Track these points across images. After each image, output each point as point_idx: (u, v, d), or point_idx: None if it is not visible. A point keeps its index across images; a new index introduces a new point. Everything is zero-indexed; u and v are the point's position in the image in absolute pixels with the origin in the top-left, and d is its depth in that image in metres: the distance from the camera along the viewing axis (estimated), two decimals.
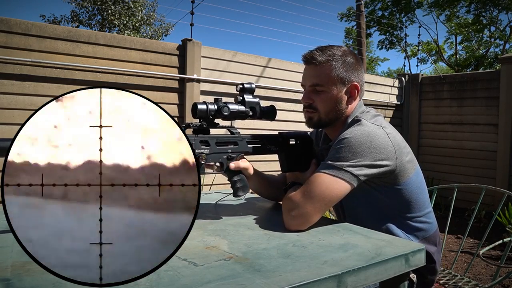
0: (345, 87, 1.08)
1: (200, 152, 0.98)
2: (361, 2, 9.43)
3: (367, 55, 17.66)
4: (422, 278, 1.10)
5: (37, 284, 0.59)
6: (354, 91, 1.10)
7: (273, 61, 3.95)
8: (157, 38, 10.82)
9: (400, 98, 5.16)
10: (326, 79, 1.07)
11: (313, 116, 1.10)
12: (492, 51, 12.84)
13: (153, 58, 3.22)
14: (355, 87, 1.09)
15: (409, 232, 1.06)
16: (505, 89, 4.24)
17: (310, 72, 1.09)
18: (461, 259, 3.00)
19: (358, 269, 0.69)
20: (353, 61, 1.09)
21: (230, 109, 1.02)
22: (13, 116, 2.61)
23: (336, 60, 1.07)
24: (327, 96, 1.07)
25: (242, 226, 0.96)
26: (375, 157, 0.97)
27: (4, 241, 0.79)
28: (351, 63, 1.09)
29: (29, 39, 2.67)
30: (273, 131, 1.19)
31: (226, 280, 0.62)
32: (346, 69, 1.08)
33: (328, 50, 1.08)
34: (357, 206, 1.08)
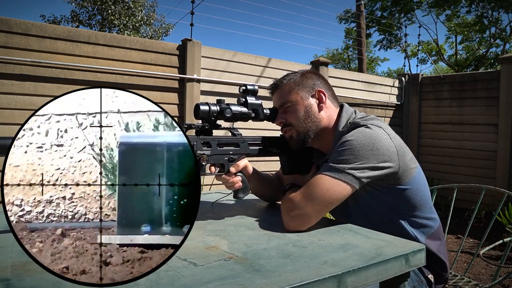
0: (309, 94, 1.11)
1: (202, 153, 0.98)
2: (361, 2, 9.43)
3: (367, 55, 17.66)
4: (437, 277, 1.10)
5: (37, 284, 0.59)
6: (321, 95, 1.12)
7: (273, 61, 3.95)
8: (157, 39, 10.82)
9: (400, 98, 5.16)
10: (289, 95, 1.11)
11: (292, 133, 1.11)
12: (492, 51, 12.85)
13: (153, 58, 3.22)
14: (320, 92, 1.12)
15: (416, 230, 1.06)
16: (505, 89, 4.24)
17: (275, 97, 1.15)
18: (461, 259, 3.00)
19: (358, 269, 0.69)
20: (311, 74, 1.15)
21: (233, 110, 1.02)
22: (13, 116, 2.61)
23: (293, 77, 1.13)
24: (295, 108, 1.10)
25: (242, 226, 0.96)
26: (378, 159, 0.97)
27: (4, 241, 0.79)
28: (309, 76, 1.14)
29: (29, 39, 2.67)
30: (274, 132, 1.19)
31: (226, 280, 0.62)
32: (305, 80, 1.12)
33: (286, 75, 1.15)
34: (363, 209, 1.08)
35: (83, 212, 0.72)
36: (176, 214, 0.66)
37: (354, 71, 8.95)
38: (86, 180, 0.71)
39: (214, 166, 1.02)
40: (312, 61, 4.44)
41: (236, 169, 1.05)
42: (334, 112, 1.14)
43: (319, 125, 1.11)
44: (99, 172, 0.66)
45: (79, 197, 0.72)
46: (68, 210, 0.71)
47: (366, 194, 1.04)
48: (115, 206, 0.67)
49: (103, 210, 0.71)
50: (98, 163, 0.71)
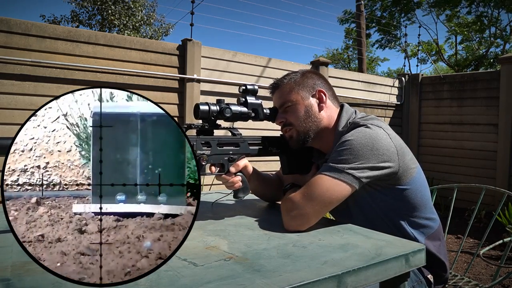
0: (310, 94, 1.11)
1: (202, 153, 0.98)
2: (361, 2, 9.43)
3: (367, 55, 17.66)
4: (436, 277, 1.10)
5: (37, 284, 0.59)
6: (321, 95, 1.12)
7: (273, 61, 3.95)
8: (157, 39, 10.82)
9: (400, 98, 5.16)
10: (290, 94, 1.11)
11: (292, 132, 1.11)
12: (492, 51, 12.85)
13: (153, 58, 3.22)
14: (320, 92, 1.12)
15: (416, 231, 1.06)
16: (505, 89, 4.24)
17: (276, 97, 1.14)
18: (461, 259, 3.00)
19: (358, 269, 0.69)
20: (312, 74, 1.15)
21: (232, 110, 1.02)
22: (13, 116, 2.61)
23: (294, 77, 1.13)
24: (295, 108, 1.10)
25: (242, 226, 0.96)
26: (378, 159, 0.97)
27: (4, 241, 0.79)
28: (309, 76, 1.14)
29: (29, 39, 2.67)
30: (274, 132, 1.19)
31: (226, 280, 0.62)
32: (305, 79, 1.12)
33: (286, 75, 1.15)
34: (363, 209, 1.07)
35: (57, 181, 0.72)
36: (151, 183, 0.66)
37: (354, 71, 8.95)
38: (61, 150, 0.71)
39: (214, 166, 1.02)
40: (312, 61, 4.44)
41: (236, 169, 1.05)
42: (335, 112, 1.14)
43: (319, 125, 1.11)
44: (99, 172, 0.66)
45: (54, 166, 0.72)
46: (43, 179, 0.71)
47: (366, 194, 1.04)
48: (89, 175, 0.68)
49: (78, 179, 0.71)
50: (72, 133, 0.71)
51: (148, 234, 0.63)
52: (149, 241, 0.62)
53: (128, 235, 0.62)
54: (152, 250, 0.61)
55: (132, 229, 0.63)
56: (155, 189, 0.65)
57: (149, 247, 0.62)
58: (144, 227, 0.64)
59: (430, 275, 1.08)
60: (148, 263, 0.59)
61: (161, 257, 0.60)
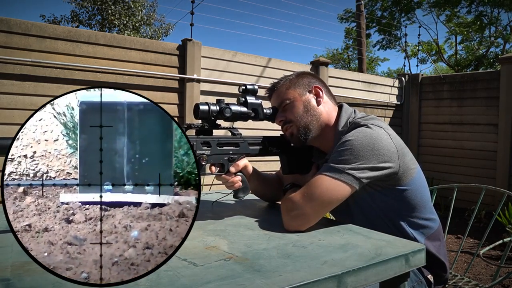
0: (306, 90, 1.12)
1: (201, 153, 0.98)
2: (361, 2, 9.43)
3: (367, 55, 17.65)
4: (436, 277, 1.10)
5: (37, 284, 0.59)
6: (317, 90, 1.13)
7: (273, 61, 3.95)
8: (157, 39, 10.82)
9: (400, 98, 5.16)
10: (287, 93, 1.12)
11: (292, 129, 1.11)
12: (492, 51, 12.85)
13: (153, 58, 3.22)
14: (316, 87, 1.13)
15: (416, 231, 1.06)
16: (505, 89, 4.24)
17: (274, 99, 1.16)
18: (461, 259, 3.00)
19: (358, 269, 0.69)
20: (306, 74, 1.17)
21: (232, 110, 1.02)
22: (13, 116, 2.61)
23: (289, 78, 1.15)
24: (293, 104, 1.11)
25: (242, 226, 0.96)
26: (378, 159, 0.96)
27: (4, 241, 0.79)
28: (304, 75, 1.15)
29: (29, 39, 2.67)
30: (274, 132, 1.19)
31: (226, 280, 0.62)
32: (300, 79, 1.14)
33: (282, 77, 1.17)
34: (363, 209, 1.07)
35: (44, 170, 0.72)
36: (138, 173, 0.66)
37: (354, 71, 8.95)
38: (48, 139, 0.71)
39: (214, 166, 1.02)
40: (312, 61, 4.44)
41: (236, 169, 1.05)
42: (333, 109, 1.14)
43: (319, 119, 1.11)
44: (99, 172, 0.66)
45: (41, 156, 0.72)
46: (30, 169, 0.71)
47: (366, 194, 1.04)
48: (76, 164, 0.68)
49: (65, 169, 0.71)
50: (59, 122, 0.71)
51: (135, 223, 0.63)
52: (136, 230, 0.63)
53: (115, 225, 0.63)
54: (140, 240, 0.61)
55: (119, 218, 0.63)
56: (143, 178, 0.65)
57: (136, 236, 0.62)
58: (131, 216, 0.64)
59: (430, 275, 1.08)
60: (136, 252, 0.60)
61: (148, 247, 0.60)
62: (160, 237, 0.62)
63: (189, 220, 0.64)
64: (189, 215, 0.64)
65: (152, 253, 0.60)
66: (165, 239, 0.62)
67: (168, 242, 0.62)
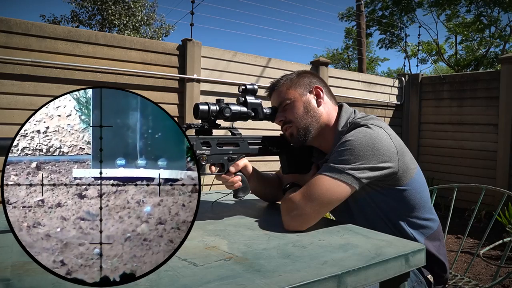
0: (307, 91, 1.12)
1: (201, 153, 0.98)
2: (361, 2, 9.43)
3: (367, 55, 17.66)
4: (436, 277, 1.10)
5: (37, 284, 0.59)
6: (318, 91, 1.12)
7: (273, 61, 3.95)
8: (157, 39, 10.83)
9: (400, 98, 5.16)
10: (287, 93, 1.11)
11: (292, 130, 1.11)
12: (492, 51, 12.84)
13: (153, 58, 3.22)
14: (317, 88, 1.12)
15: (415, 231, 1.06)
16: (505, 89, 4.24)
17: (274, 98, 1.15)
18: (461, 259, 3.00)
19: (358, 269, 0.69)
20: (307, 73, 1.16)
21: (232, 110, 1.02)
22: (13, 116, 2.61)
23: (289, 77, 1.15)
24: (293, 105, 1.10)
25: (242, 226, 0.96)
26: (378, 160, 0.96)
27: (4, 241, 0.79)
28: (305, 75, 1.15)
29: (29, 39, 2.67)
30: (274, 132, 1.19)
31: (226, 280, 0.62)
32: (301, 78, 1.13)
33: (282, 76, 1.17)
34: (363, 209, 1.08)
35: (57, 146, 0.72)
36: (151, 148, 0.66)
37: (354, 71, 8.95)
38: (60, 115, 0.71)
39: (214, 165, 1.02)
40: (312, 61, 4.44)
41: (236, 169, 1.05)
42: (333, 110, 1.14)
43: (319, 120, 1.11)
44: (99, 171, 0.66)
45: (54, 131, 0.71)
46: (43, 144, 0.71)
47: (366, 194, 1.04)
48: (89, 139, 0.68)
49: (78, 144, 0.71)
50: (72, 97, 0.70)
51: (148, 199, 0.63)
52: (149, 206, 0.63)
53: (128, 200, 0.62)
54: (152, 215, 0.61)
55: (132, 194, 0.63)
56: (156, 154, 0.65)
57: (149, 212, 0.62)
58: (144, 192, 0.64)
59: (430, 275, 1.08)
60: (148, 228, 0.60)
61: (161, 222, 0.60)
62: (173, 213, 0.62)
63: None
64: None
65: (164, 228, 0.60)
66: (177, 214, 0.62)
67: (181, 218, 0.62)
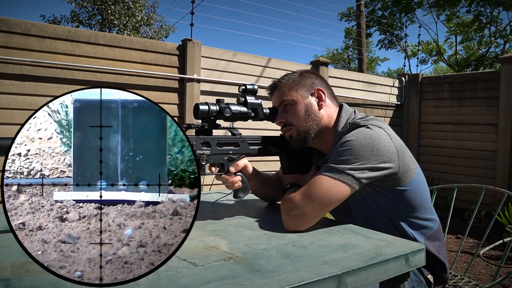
0: (309, 93, 1.11)
1: (201, 153, 0.98)
2: (361, 2, 9.43)
3: (367, 55, 17.66)
4: (436, 277, 1.10)
5: (37, 284, 0.59)
6: (320, 93, 1.12)
7: (273, 61, 3.95)
8: (157, 39, 10.82)
9: (400, 98, 5.16)
10: (289, 94, 1.10)
11: (292, 132, 1.11)
12: (492, 51, 12.84)
13: (153, 58, 3.22)
14: (319, 90, 1.12)
15: (415, 231, 1.06)
16: (505, 89, 4.24)
17: (275, 97, 1.14)
18: (461, 259, 3.00)
19: (358, 269, 0.69)
20: (310, 73, 1.15)
21: (232, 110, 1.02)
22: (13, 116, 2.61)
23: (292, 77, 1.13)
24: (295, 107, 1.10)
25: (242, 226, 0.96)
26: (378, 160, 0.96)
27: (4, 241, 0.79)
28: (308, 75, 1.14)
29: (29, 39, 2.67)
30: (274, 132, 1.19)
31: (226, 280, 0.62)
32: (304, 79, 1.12)
33: (284, 75, 1.15)
34: (363, 210, 1.07)
35: (38, 169, 0.72)
36: (132, 171, 0.66)
37: (354, 71, 8.96)
38: (42, 137, 0.71)
39: (214, 166, 1.02)
40: (312, 61, 4.44)
41: (236, 169, 1.05)
42: (334, 111, 1.14)
43: (320, 124, 1.10)
44: (99, 172, 0.66)
45: (35, 154, 0.72)
46: (24, 167, 0.71)
47: (366, 194, 1.04)
48: (70, 162, 0.68)
49: (59, 167, 0.71)
50: (54, 120, 0.71)
51: (129, 221, 0.63)
52: (130, 228, 0.63)
53: (109, 223, 0.62)
54: (133, 238, 0.61)
55: (113, 216, 0.63)
56: (137, 176, 0.65)
57: (130, 234, 0.62)
58: (125, 214, 0.64)
59: (430, 275, 1.08)
60: (129, 250, 0.60)
61: (142, 245, 0.60)
62: (153, 235, 0.62)
63: (183, 218, 0.64)
64: (183, 213, 0.64)
65: (145, 251, 0.60)
66: (158, 237, 0.62)
67: (162, 240, 0.62)
